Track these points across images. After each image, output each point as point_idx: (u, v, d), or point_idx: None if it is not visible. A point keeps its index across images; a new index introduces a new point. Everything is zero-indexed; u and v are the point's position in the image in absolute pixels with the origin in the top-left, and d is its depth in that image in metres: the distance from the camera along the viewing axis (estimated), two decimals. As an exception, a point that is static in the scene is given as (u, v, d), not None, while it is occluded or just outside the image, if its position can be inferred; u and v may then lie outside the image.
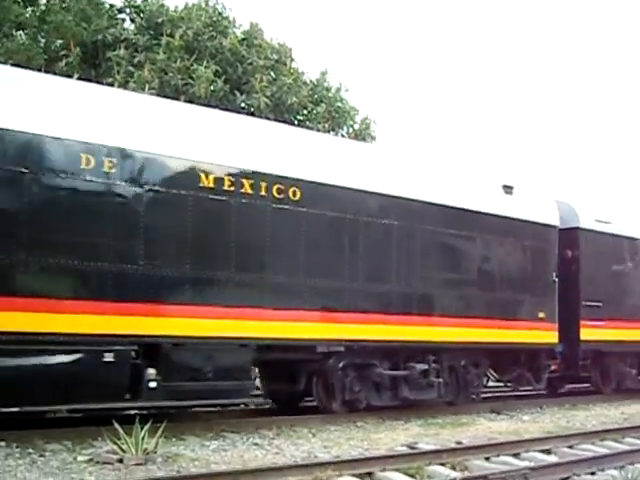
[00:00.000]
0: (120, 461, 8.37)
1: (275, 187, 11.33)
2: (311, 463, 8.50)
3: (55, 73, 15.62)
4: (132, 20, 20.53)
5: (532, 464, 8.88)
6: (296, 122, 20.47)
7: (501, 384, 17.54)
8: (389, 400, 13.00)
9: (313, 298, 11.74)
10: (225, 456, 9.25)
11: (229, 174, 10.89)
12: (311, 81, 21.34)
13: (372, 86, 53.27)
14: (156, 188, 10.20)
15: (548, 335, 15.41)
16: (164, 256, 10.23)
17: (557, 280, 15.64)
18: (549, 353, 15.80)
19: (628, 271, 18.14)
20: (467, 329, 13.80)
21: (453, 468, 8.73)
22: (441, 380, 13.49)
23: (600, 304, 16.71)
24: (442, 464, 8.86)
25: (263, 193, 11.23)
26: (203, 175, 10.60)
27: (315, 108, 20.65)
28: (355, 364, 12.48)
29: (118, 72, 18.23)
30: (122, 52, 18.61)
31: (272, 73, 20.09)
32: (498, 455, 9.52)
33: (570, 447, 10.31)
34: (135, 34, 19.46)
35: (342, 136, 21.43)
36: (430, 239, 13.46)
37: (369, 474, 8.33)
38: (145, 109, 11.02)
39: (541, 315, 15.28)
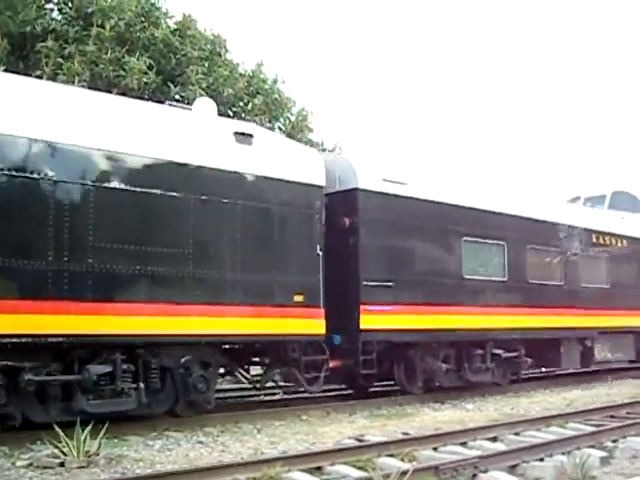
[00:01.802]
0: (61, 465, 8.13)
1: None
2: (259, 460, 8.37)
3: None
4: (60, 10, 19.94)
5: (481, 453, 8.87)
6: (232, 114, 20.21)
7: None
8: (61, 414, 9.72)
9: None
10: (170, 455, 9.08)
11: None
12: (247, 72, 21.08)
13: (309, 77, 53.35)
14: None
15: (309, 324, 12.32)
16: None
17: (322, 254, 12.54)
18: (314, 346, 12.68)
19: (433, 243, 14.89)
20: (179, 318, 10.78)
21: (402, 459, 8.66)
22: (141, 385, 10.47)
23: (390, 284, 13.72)
24: (391, 455, 8.80)
25: None
26: None
27: (251, 100, 20.41)
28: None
29: (47, 64, 17.69)
30: (51, 43, 18.05)
31: (207, 64, 19.76)
32: (445, 445, 9.51)
33: (516, 434, 10.37)
34: (64, 25, 18.88)
35: (279, 128, 21.27)
36: (109, 200, 10.37)
37: (318, 468, 8.22)
38: None
39: (298, 298, 12.20)
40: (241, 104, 20.61)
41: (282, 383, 13.27)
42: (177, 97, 18.90)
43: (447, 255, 15.16)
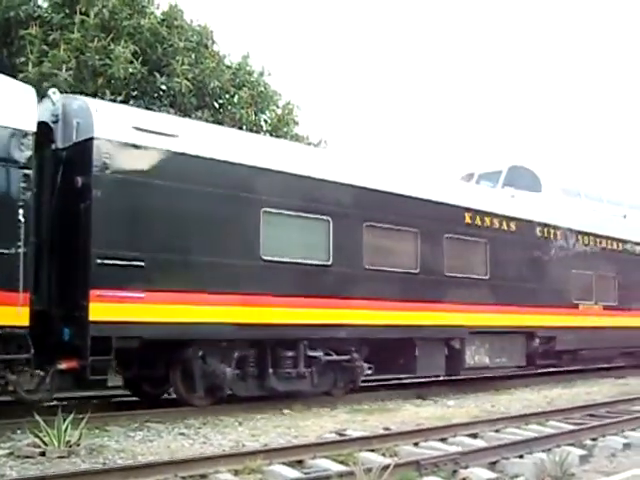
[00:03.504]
0: (42, 454, 8.10)
1: None
2: (241, 452, 8.40)
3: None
4: (46, -4, 19.76)
5: (461, 449, 8.93)
6: (218, 106, 20.14)
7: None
8: None
9: None
10: (151, 447, 9.06)
11: None
12: (233, 64, 20.98)
13: (295, 70, 53.32)
14: None
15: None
16: None
17: (24, 221, 9.54)
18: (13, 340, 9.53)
19: (215, 213, 11.61)
20: None
21: (383, 454, 8.70)
22: None
23: (142, 264, 10.64)
24: (372, 450, 8.85)
25: None
26: None
27: (237, 92, 20.31)
28: None
29: (31, 51, 17.55)
30: (35, 30, 17.88)
31: (193, 56, 19.64)
32: (426, 440, 9.57)
33: (496, 431, 10.44)
34: (49, 12, 18.71)
35: (265, 121, 21.20)
36: None
37: (300, 462, 8.25)
38: None
39: None
40: (227, 96, 20.51)
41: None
42: (163, 87, 18.83)
43: (237, 230, 11.83)
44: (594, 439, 9.95)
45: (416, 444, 9.37)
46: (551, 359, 18.34)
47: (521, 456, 8.77)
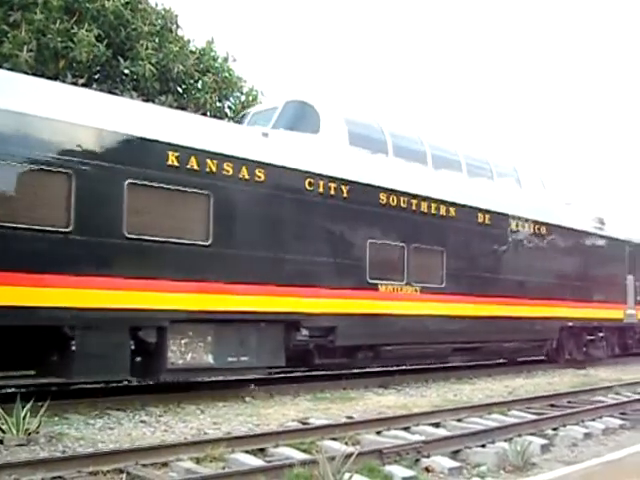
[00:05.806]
0: (0, 442, 7.96)
1: None
2: (203, 440, 8.31)
3: None
4: (6, -24, 19.35)
5: (424, 438, 8.94)
6: (181, 91, 19.95)
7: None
8: None
9: None
10: (112, 434, 8.95)
11: None
12: (197, 50, 20.81)
13: (260, 56, 53.04)
14: None
15: None
16: None
17: None
18: None
19: None
20: None
21: (346, 443, 8.67)
22: None
23: None
24: (334, 439, 8.82)
25: None
26: None
27: (202, 78, 20.16)
28: None
29: (-9, 31, 17.24)
30: (-5, 10, 17.57)
31: (157, 40, 19.44)
32: (389, 429, 9.58)
33: (459, 420, 10.48)
34: (10, -9, 18.36)
35: (229, 107, 21.07)
36: None
37: (262, 450, 8.20)
38: None
39: None
40: (191, 81, 20.33)
41: None
42: (126, 71, 18.60)
43: None
44: (555, 429, 10.05)
45: (379, 433, 9.39)
46: (334, 357, 13.92)
47: (483, 445, 8.81)
